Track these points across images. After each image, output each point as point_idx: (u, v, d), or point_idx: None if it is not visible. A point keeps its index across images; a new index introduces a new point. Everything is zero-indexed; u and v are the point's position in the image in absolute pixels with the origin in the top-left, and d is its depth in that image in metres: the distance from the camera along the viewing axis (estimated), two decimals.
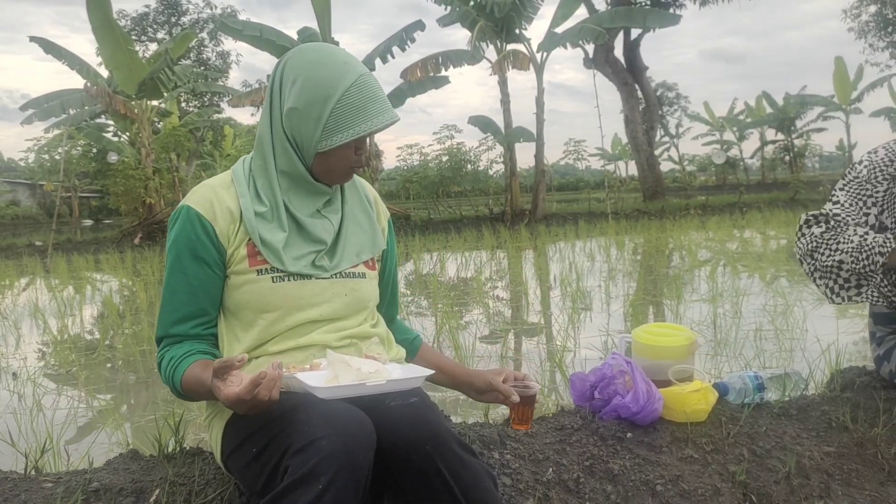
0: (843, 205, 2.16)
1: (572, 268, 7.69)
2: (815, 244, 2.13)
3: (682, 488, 1.85)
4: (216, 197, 1.58)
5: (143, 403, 3.80)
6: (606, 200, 18.80)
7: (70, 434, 3.18)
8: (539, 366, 3.96)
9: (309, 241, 1.60)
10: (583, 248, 11.30)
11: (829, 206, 2.20)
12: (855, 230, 2.09)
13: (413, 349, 1.93)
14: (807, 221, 2.21)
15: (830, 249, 2.09)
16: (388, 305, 1.90)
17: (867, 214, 2.14)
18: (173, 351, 1.55)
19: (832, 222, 2.15)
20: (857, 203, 2.15)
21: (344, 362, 1.46)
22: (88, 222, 30.52)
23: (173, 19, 34.52)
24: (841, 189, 2.22)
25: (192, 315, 1.57)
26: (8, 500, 1.66)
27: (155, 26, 34.49)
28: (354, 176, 1.75)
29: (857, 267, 2.03)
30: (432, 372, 1.59)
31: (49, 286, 9.65)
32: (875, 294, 2.04)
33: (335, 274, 1.62)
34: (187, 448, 1.97)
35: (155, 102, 18.49)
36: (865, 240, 2.03)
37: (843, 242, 2.07)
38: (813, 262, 2.14)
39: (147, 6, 34.53)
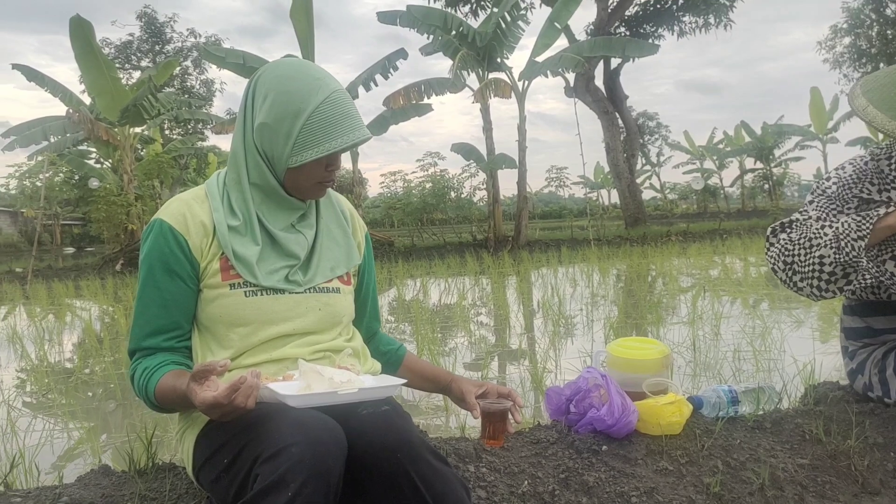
0: (810, 216, 2.18)
1: (555, 293, 7.71)
2: (787, 249, 2.13)
3: (656, 500, 1.85)
4: (189, 211, 1.58)
5: (119, 425, 3.75)
6: (589, 228, 18.92)
7: (44, 455, 3.13)
8: (520, 384, 3.95)
9: (282, 256, 1.61)
10: (565, 274, 11.33)
11: (796, 215, 2.22)
12: (822, 224, 2.09)
13: (398, 359, 1.94)
14: (773, 230, 2.22)
15: (805, 249, 2.08)
16: (368, 319, 1.91)
17: None
18: (147, 362, 1.54)
19: (796, 225, 2.17)
20: (826, 216, 2.17)
21: (316, 372, 1.46)
22: (70, 250, 30.26)
23: (157, 47, 34.69)
24: (810, 203, 2.24)
25: (165, 328, 1.56)
26: None
27: (139, 54, 34.63)
28: (329, 190, 1.76)
29: (840, 257, 2.01)
30: (404, 381, 1.59)
31: (29, 312, 9.55)
32: (867, 278, 2.02)
33: (309, 289, 1.62)
34: (160, 463, 1.96)
35: (138, 129, 18.50)
36: (839, 230, 2.02)
37: (816, 237, 2.06)
38: (789, 267, 2.12)
39: (131, 35, 34.79)
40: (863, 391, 2.34)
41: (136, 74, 31.50)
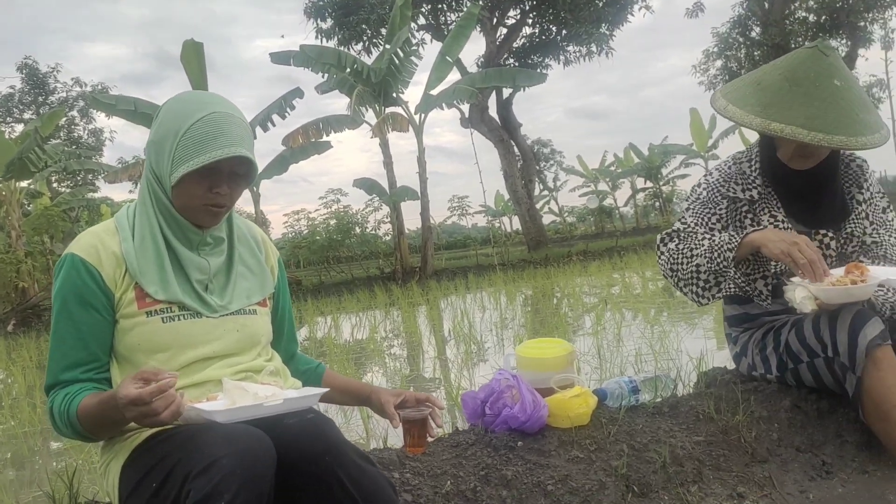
0: (690, 224, 2.42)
1: (465, 317, 7.87)
2: (673, 258, 2.35)
3: (570, 486, 1.99)
4: (101, 243, 1.60)
5: (31, 481, 3.62)
6: (493, 254, 19.27)
7: None
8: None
9: (191, 272, 1.64)
10: (474, 299, 11.53)
11: (678, 224, 2.45)
12: (703, 235, 2.33)
13: (318, 376, 1.99)
14: (662, 240, 2.44)
15: (686, 258, 2.32)
16: (286, 341, 1.96)
17: (712, 229, 2.39)
18: (67, 389, 1.54)
19: (682, 234, 2.39)
20: (702, 221, 2.40)
21: (240, 388, 1.51)
22: None
23: (41, 98, 33.38)
24: (687, 210, 2.47)
25: (83, 361, 1.57)
26: None
27: (21, 106, 33.22)
28: (240, 219, 1.82)
29: (713, 266, 2.24)
30: (326, 390, 1.65)
31: None
32: (731, 287, 2.26)
33: (225, 315, 1.66)
34: (82, 502, 1.95)
35: (24, 184, 17.73)
36: (714, 241, 2.26)
37: (696, 248, 2.30)
38: (674, 274, 2.36)
39: (12, 87, 33.31)
40: (747, 371, 2.57)
41: (19, 127, 30.19)
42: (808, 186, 2.37)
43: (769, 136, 2.26)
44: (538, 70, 20.97)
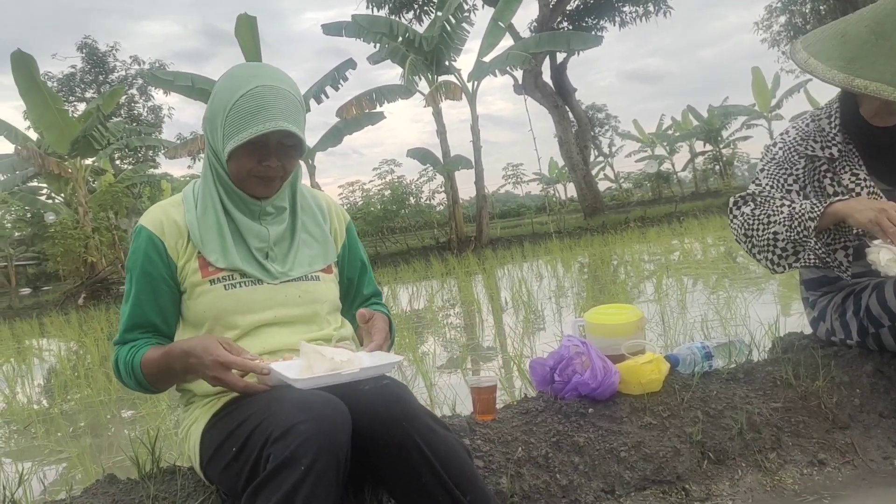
0: (765, 186, 2.32)
1: (522, 286, 7.83)
2: (748, 223, 2.27)
3: (644, 452, 1.96)
4: (165, 215, 1.68)
5: (110, 447, 3.76)
6: (549, 222, 19.13)
7: (39, 478, 3.14)
8: (498, 373, 4.04)
9: (251, 241, 1.68)
10: (531, 268, 11.47)
11: (752, 187, 2.36)
12: (782, 202, 2.24)
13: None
14: (735, 203, 2.36)
15: (763, 224, 2.23)
16: (361, 304, 1.93)
17: (789, 191, 2.29)
18: (133, 343, 1.64)
19: (759, 199, 2.30)
20: (778, 183, 2.31)
21: (317, 352, 1.52)
22: (26, 290, 29.55)
23: (101, 77, 34.14)
24: (761, 171, 2.37)
25: (147, 323, 1.65)
26: None
27: (83, 86, 34.04)
28: (307, 189, 1.83)
29: (792, 235, 2.15)
30: (401, 358, 1.67)
31: None
32: (811, 257, 2.17)
33: (286, 281, 1.69)
34: (164, 466, 2.00)
35: (89, 161, 18.24)
36: (794, 209, 2.17)
37: (774, 215, 2.21)
38: (749, 240, 2.27)
39: (73, 67, 34.13)
40: (826, 336, 2.48)
41: (81, 106, 30.99)
42: (892, 143, 2.25)
43: (852, 92, 2.15)
44: (593, 33, 20.58)
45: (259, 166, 1.61)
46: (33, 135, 18.70)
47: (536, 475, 1.89)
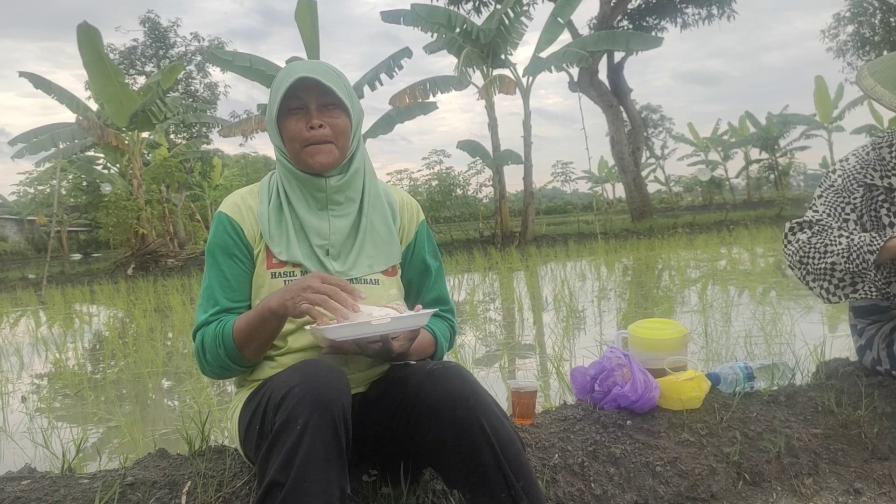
0: (822, 213, 2.30)
1: (564, 286, 7.82)
2: (803, 250, 2.25)
3: (679, 469, 1.98)
4: (244, 202, 1.76)
5: (154, 419, 3.89)
6: (595, 222, 19.00)
7: (91, 445, 3.26)
8: (536, 374, 4.07)
9: (312, 238, 1.72)
10: (574, 268, 11.44)
11: (809, 213, 2.34)
12: (840, 232, 2.22)
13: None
14: (791, 229, 2.34)
15: (820, 253, 2.21)
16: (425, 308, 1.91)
17: (846, 220, 2.27)
18: (218, 319, 1.67)
19: (816, 227, 2.29)
20: (835, 210, 2.29)
21: (359, 310, 1.52)
22: (77, 256, 30.39)
23: (161, 52, 34.76)
24: (819, 197, 2.36)
25: (229, 306, 1.69)
26: (48, 495, 1.76)
27: (143, 59, 34.71)
28: (381, 184, 1.85)
29: (850, 267, 2.14)
30: (435, 310, 1.69)
31: (47, 316, 9.70)
32: (871, 289, 2.15)
33: (346, 279, 1.69)
34: (213, 445, 2.09)
35: (145, 134, 18.65)
36: (853, 240, 2.15)
37: (832, 245, 2.19)
38: (804, 267, 2.25)
39: (135, 40, 34.81)
40: (871, 366, 2.46)
41: (141, 80, 31.64)
42: None
43: None
44: (653, 33, 20.32)
45: (307, 132, 1.66)
46: (93, 105, 19.12)
47: (571, 482, 1.93)
